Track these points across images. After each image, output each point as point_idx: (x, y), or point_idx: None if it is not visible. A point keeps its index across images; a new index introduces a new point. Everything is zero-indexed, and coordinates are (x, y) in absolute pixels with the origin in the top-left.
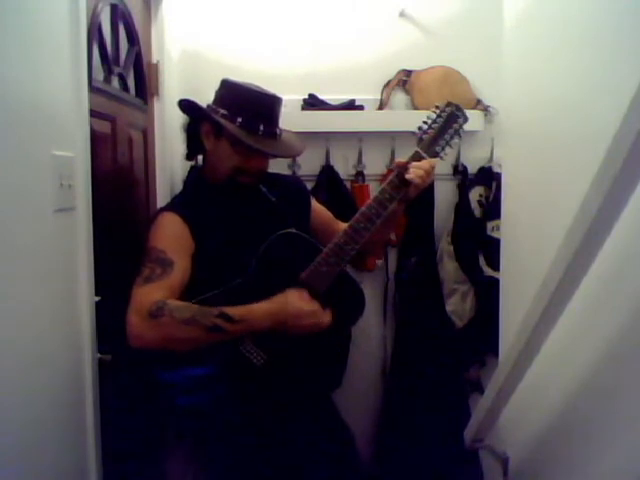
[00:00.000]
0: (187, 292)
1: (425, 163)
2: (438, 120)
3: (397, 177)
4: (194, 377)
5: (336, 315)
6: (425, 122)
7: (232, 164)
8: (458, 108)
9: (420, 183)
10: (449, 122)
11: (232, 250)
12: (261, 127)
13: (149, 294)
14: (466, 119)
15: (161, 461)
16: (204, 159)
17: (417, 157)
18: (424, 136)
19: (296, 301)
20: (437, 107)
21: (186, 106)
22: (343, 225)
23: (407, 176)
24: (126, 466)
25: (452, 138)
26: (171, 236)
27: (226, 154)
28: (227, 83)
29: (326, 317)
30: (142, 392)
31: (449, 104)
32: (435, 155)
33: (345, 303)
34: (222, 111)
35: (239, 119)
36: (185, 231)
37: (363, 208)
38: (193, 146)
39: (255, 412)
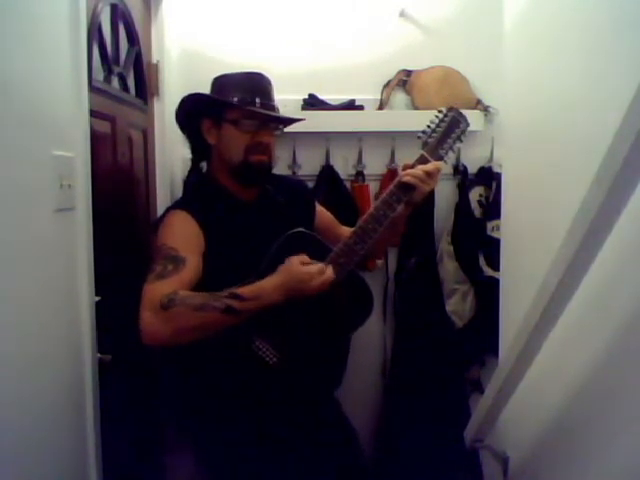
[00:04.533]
0: (197, 291)
1: (429, 165)
2: (441, 125)
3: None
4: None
5: (345, 315)
6: (429, 126)
7: (242, 144)
8: (460, 114)
9: (418, 184)
10: (452, 127)
11: (241, 250)
12: (257, 100)
13: (160, 289)
14: (467, 124)
15: (163, 462)
16: (210, 159)
17: (423, 160)
18: (429, 140)
19: (299, 266)
20: (440, 111)
21: (183, 110)
22: (345, 229)
23: (404, 178)
24: (126, 466)
25: (455, 142)
26: (182, 234)
27: (233, 138)
28: (215, 79)
29: (329, 273)
30: (143, 391)
31: (451, 109)
32: (440, 158)
33: (354, 303)
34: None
35: (235, 98)
36: (196, 229)
37: (371, 209)
38: (198, 150)
39: (259, 411)
